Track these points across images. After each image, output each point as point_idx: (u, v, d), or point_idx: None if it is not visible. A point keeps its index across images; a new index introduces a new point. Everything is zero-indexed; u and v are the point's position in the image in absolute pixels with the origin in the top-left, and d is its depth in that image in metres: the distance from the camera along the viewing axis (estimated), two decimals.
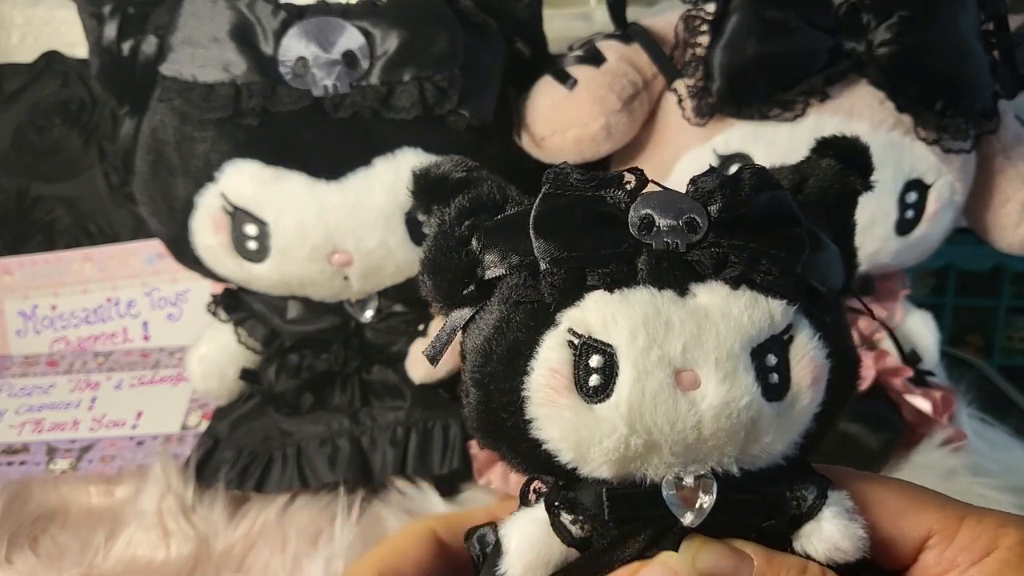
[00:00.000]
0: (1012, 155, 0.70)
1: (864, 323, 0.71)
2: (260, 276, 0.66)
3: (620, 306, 0.30)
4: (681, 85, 0.67)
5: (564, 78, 0.68)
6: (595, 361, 0.30)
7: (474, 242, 0.33)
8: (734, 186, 0.31)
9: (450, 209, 0.33)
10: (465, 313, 0.33)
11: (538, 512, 0.32)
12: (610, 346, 0.30)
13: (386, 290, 0.69)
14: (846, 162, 0.35)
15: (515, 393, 0.31)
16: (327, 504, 0.65)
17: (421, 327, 0.69)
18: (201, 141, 0.64)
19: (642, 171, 0.32)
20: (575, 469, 0.31)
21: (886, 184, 0.65)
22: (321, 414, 0.69)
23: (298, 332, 0.70)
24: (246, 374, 0.71)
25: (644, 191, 0.32)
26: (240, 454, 0.68)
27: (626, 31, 0.70)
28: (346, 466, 0.67)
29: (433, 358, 0.34)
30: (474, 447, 0.67)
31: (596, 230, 0.31)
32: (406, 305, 0.69)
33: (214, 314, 0.72)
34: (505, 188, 0.34)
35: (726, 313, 0.30)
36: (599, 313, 0.30)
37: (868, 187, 0.36)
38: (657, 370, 0.30)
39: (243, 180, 0.64)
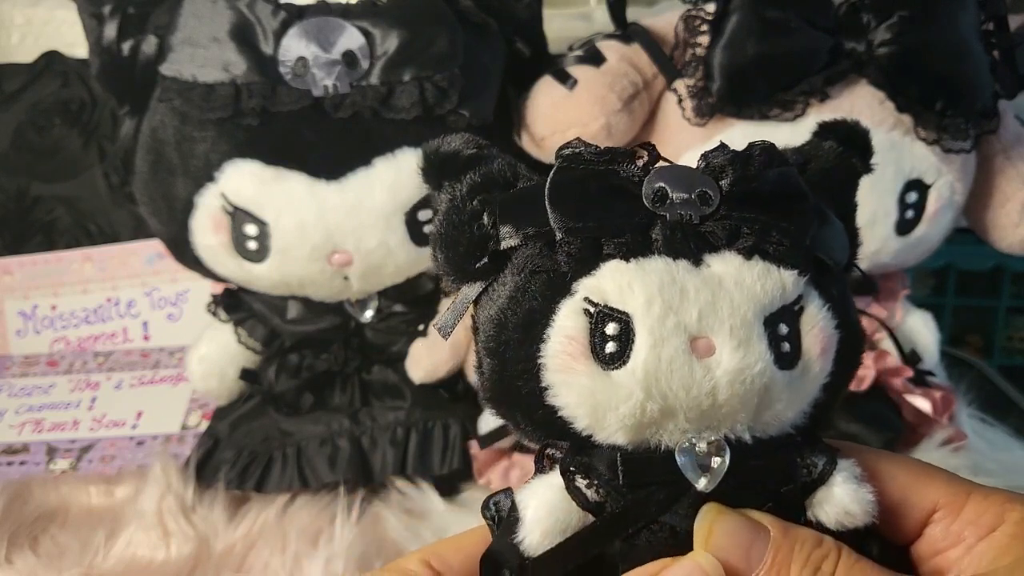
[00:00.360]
0: (1012, 155, 0.70)
1: (864, 323, 0.71)
2: (260, 276, 0.66)
3: (636, 274, 0.31)
4: (681, 85, 0.67)
5: (564, 78, 0.68)
6: (611, 328, 0.31)
7: (486, 216, 0.33)
8: (744, 162, 0.32)
9: (461, 185, 0.34)
10: (477, 287, 0.33)
11: (554, 478, 0.33)
12: (626, 314, 0.31)
13: (386, 290, 0.69)
14: (847, 145, 0.36)
15: (531, 361, 0.32)
16: (327, 504, 0.65)
17: (421, 327, 0.69)
18: (201, 141, 0.64)
19: (654, 146, 0.33)
20: (591, 436, 0.32)
21: (886, 184, 0.65)
22: (321, 414, 0.69)
23: (298, 332, 0.69)
24: (246, 374, 0.71)
25: (656, 166, 0.33)
26: (240, 454, 0.68)
27: (626, 31, 0.70)
28: (346, 466, 0.67)
29: (444, 331, 0.34)
30: (474, 447, 0.67)
31: (610, 202, 0.32)
32: (406, 305, 0.69)
33: (214, 314, 0.72)
34: (516, 165, 0.34)
35: (740, 282, 0.31)
36: (615, 281, 0.31)
37: (869, 169, 0.37)
38: (673, 337, 0.30)
39: (243, 180, 0.64)
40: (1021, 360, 1.15)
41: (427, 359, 0.68)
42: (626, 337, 0.31)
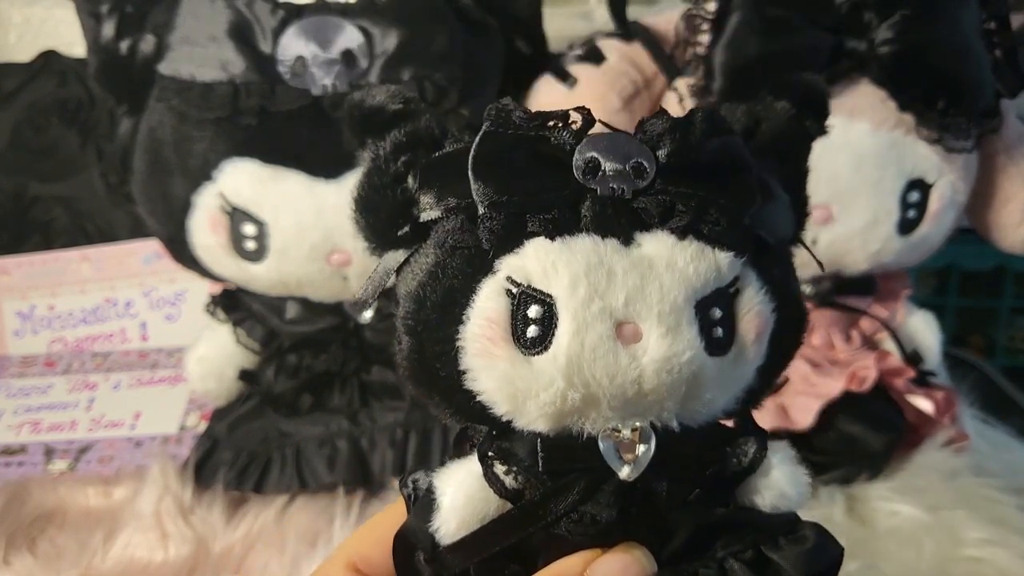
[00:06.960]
0: (1014, 154, 0.70)
1: (866, 323, 0.71)
2: (258, 276, 0.66)
3: (561, 255, 0.29)
4: (682, 84, 0.67)
5: (564, 77, 0.68)
6: (534, 311, 0.29)
7: (410, 179, 0.31)
8: (684, 130, 0.30)
9: (385, 143, 0.32)
10: (399, 255, 0.32)
11: (473, 463, 0.31)
12: (550, 296, 0.29)
13: (385, 290, 0.68)
14: (802, 105, 0.34)
15: (449, 343, 0.30)
16: (326, 506, 0.65)
17: None
18: (199, 140, 0.63)
19: (589, 111, 0.31)
20: (510, 421, 0.30)
21: (888, 183, 0.65)
22: (320, 415, 0.69)
23: (297, 332, 0.69)
24: (245, 375, 0.71)
25: (591, 132, 0.31)
26: (239, 455, 0.68)
27: (626, 30, 0.70)
28: (345, 467, 0.66)
29: (362, 304, 0.34)
30: None
31: (538, 173, 0.30)
32: None
33: (212, 314, 0.71)
34: (444, 122, 0.33)
35: (671, 264, 0.29)
36: (539, 261, 0.29)
37: (823, 132, 0.35)
38: (597, 322, 0.29)
39: (241, 180, 0.63)
40: (1023, 361, 1.15)
41: None
42: (549, 321, 0.29)
